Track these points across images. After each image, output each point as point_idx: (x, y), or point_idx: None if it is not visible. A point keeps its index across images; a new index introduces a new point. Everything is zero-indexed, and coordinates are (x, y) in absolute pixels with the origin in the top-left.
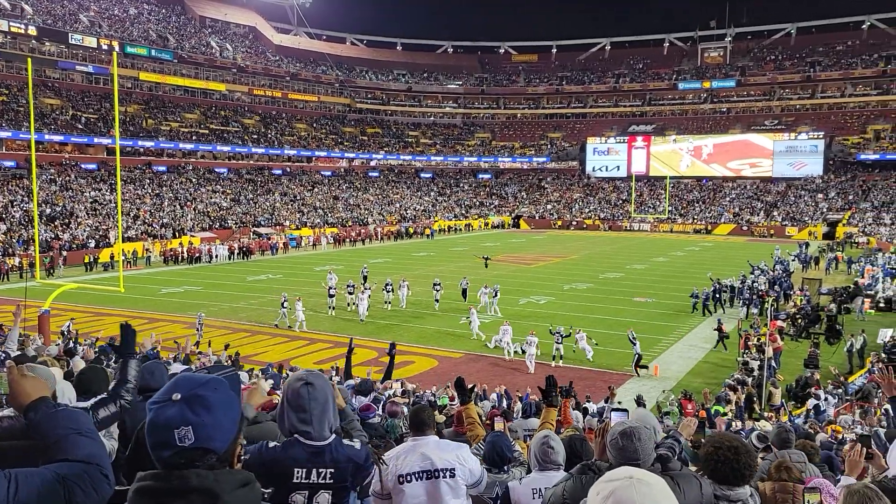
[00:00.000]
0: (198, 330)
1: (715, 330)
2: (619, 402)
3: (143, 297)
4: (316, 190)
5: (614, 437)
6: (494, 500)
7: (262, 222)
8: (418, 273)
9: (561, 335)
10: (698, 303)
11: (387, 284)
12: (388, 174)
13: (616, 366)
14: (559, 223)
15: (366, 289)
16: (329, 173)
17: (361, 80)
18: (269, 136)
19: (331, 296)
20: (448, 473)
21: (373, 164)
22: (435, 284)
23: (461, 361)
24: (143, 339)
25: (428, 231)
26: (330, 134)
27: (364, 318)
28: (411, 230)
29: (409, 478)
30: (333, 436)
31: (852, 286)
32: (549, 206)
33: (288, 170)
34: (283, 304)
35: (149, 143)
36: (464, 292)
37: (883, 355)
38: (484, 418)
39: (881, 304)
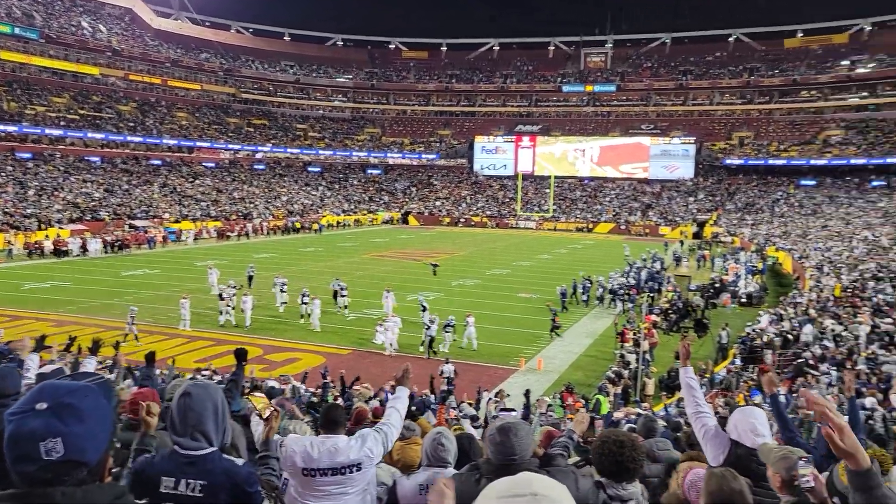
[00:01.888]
0: (129, 324)
1: (552, 320)
2: (508, 395)
3: (4, 293)
4: (198, 182)
5: (492, 433)
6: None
7: (139, 215)
8: (304, 269)
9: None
10: (568, 300)
11: (283, 285)
12: (274, 167)
13: (503, 360)
14: (448, 220)
15: (246, 294)
16: (212, 165)
17: (247, 70)
18: (147, 124)
19: (221, 298)
20: (355, 468)
21: (259, 156)
22: (342, 290)
23: (349, 358)
24: (23, 338)
25: (316, 226)
26: (213, 124)
27: (249, 325)
28: (298, 225)
29: (312, 472)
30: (213, 448)
31: (718, 283)
32: (437, 203)
33: (168, 160)
34: (220, 296)
35: (11, 128)
36: (335, 294)
37: (741, 347)
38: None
39: (743, 300)
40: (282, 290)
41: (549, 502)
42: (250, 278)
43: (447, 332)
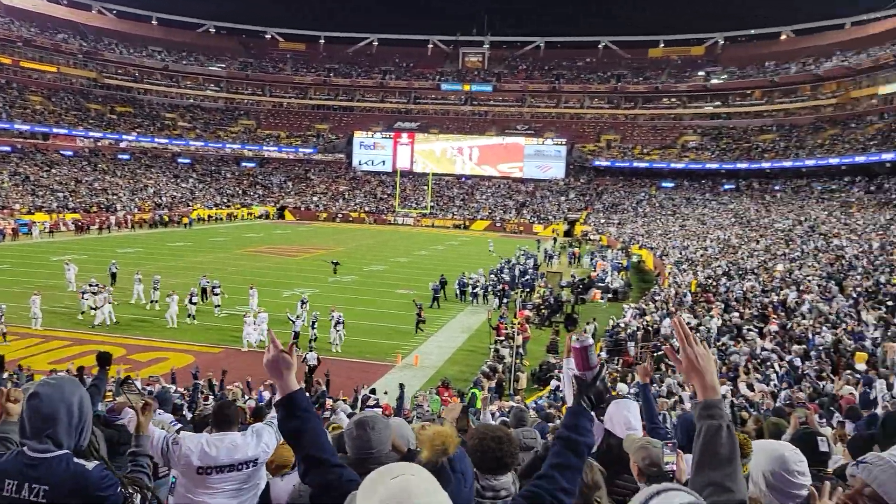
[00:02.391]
0: None
1: (417, 314)
2: (386, 392)
3: None
4: (54, 171)
5: (349, 428)
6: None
7: None
8: (172, 265)
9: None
10: (440, 295)
11: (156, 282)
12: (141, 157)
13: (380, 356)
14: (325, 216)
15: (105, 289)
16: (70, 153)
17: (110, 54)
18: None
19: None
20: (252, 464)
21: (123, 145)
22: (215, 288)
23: (220, 357)
24: None
25: (186, 220)
26: (72, 110)
27: (98, 324)
28: (167, 218)
29: (209, 470)
30: (63, 451)
31: (587, 279)
32: (315, 198)
33: (19, 146)
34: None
35: None
36: (203, 291)
37: (607, 340)
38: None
39: (610, 295)
40: (154, 288)
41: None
42: (113, 275)
43: (338, 329)
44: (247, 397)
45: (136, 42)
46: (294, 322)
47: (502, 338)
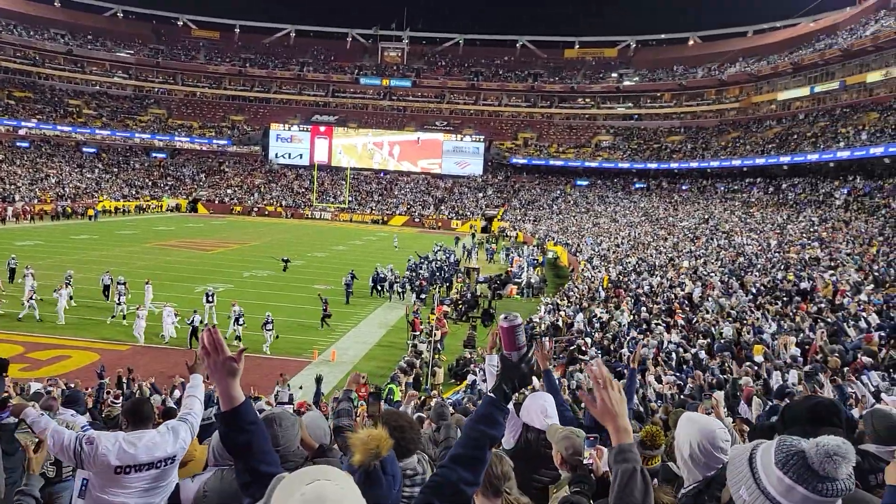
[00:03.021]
0: None
1: (323, 309)
2: (301, 388)
3: None
4: None
5: None
6: None
7: None
8: (77, 258)
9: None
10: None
11: (69, 277)
12: (42, 146)
13: (296, 352)
14: (240, 209)
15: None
16: None
17: (8, 36)
18: None
19: None
20: (170, 461)
21: (22, 132)
22: (120, 284)
23: (127, 354)
24: None
25: (91, 212)
26: None
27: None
28: (70, 210)
29: (127, 469)
30: None
31: (504, 275)
32: (229, 191)
33: None
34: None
35: None
36: (105, 288)
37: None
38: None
39: (525, 291)
40: (67, 284)
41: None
42: (12, 271)
43: (268, 329)
44: (159, 396)
45: (36, 24)
46: (193, 320)
47: (418, 333)
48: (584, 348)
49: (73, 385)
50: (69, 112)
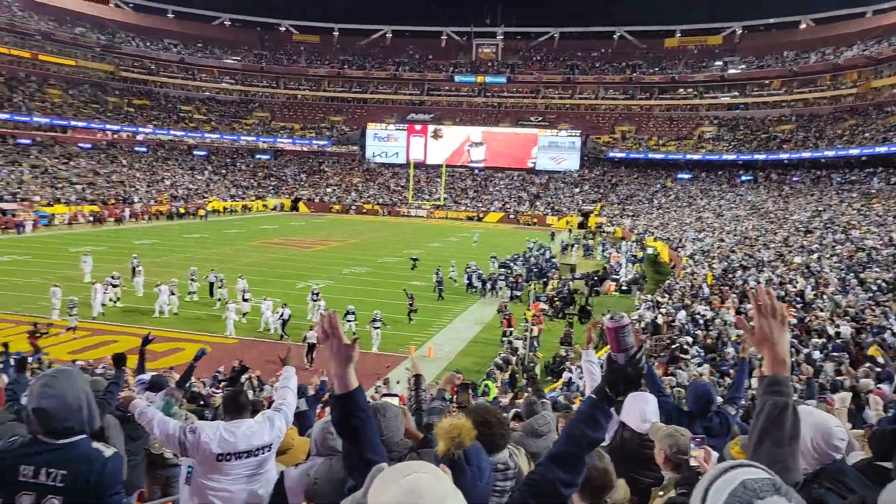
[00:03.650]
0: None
1: (409, 304)
2: (398, 382)
3: None
4: (72, 163)
5: None
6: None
7: (6, 197)
8: (189, 256)
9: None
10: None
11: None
12: (157, 150)
13: (393, 348)
14: (338, 207)
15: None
16: (88, 146)
17: (127, 47)
18: (15, 100)
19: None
20: (267, 449)
21: (140, 138)
22: (220, 281)
23: (236, 348)
24: None
25: (202, 212)
26: (90, 103)
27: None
28: (183, 210)
29: (228, 457)
30: (81, 436)
31: (601, 271)
32: (328, 190)
33: (38, 139)
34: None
35: None
36: (211, 286)
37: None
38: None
39: (623, 287)
40: (192, 279)
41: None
42: (134, 269)
43: (376, 326)
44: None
45: (152, 35)
46: (283, 314)
47: (512, 329)
48: (685, 347)
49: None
50: (182, 117)
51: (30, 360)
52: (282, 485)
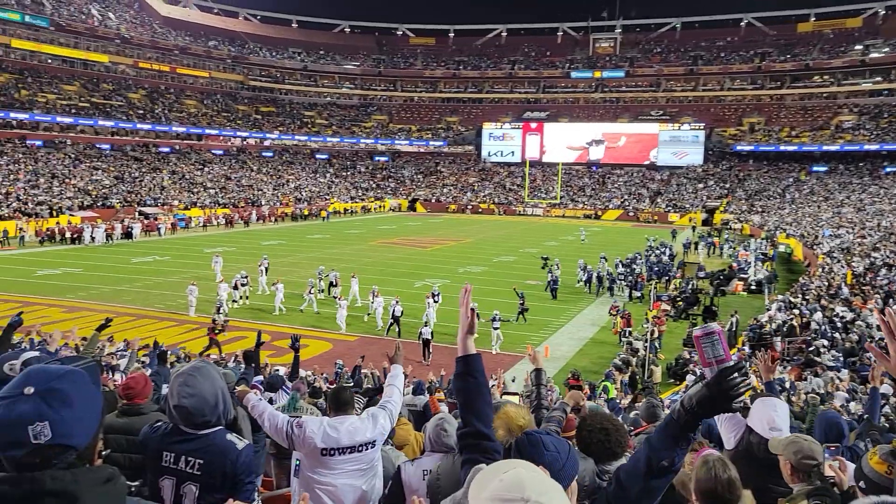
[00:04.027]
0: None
1: (520, 304)
2: (514, 379)
3: (16, 279)
4: (206, 169)
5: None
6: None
7: (149, 202)
8: (312, 256)
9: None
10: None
11: (329, 276)
12: (282, 154)
13: (509, 347)
14: (454, 207)
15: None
16: (220, 152)
17: (255, 58)
18: (157, 111)
19: (236, 288)
20: (370, 445)
21: (267, 143)
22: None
23: (356, 344)
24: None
25: (324, 213)
26: (222, 111)
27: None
28: (306, 212)
29: (331, 452)
30: (217, 428)
31: (727, 270)
32: (445, 190)
33: (177, 147)
34: (309, 290)
35: (22, 116)
36: (331, 284)
37: (750, 334)
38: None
39: (752, 287)
40: (320, 277)
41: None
42: (265, 269)
43: (495, 327)
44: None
45: (277, 45)
46: (393, 311)
47: (630, 329)
48: (821, 350)
49: (309, 373)
50: (305, 123)
51: (213, 356)
52: (399, 478)
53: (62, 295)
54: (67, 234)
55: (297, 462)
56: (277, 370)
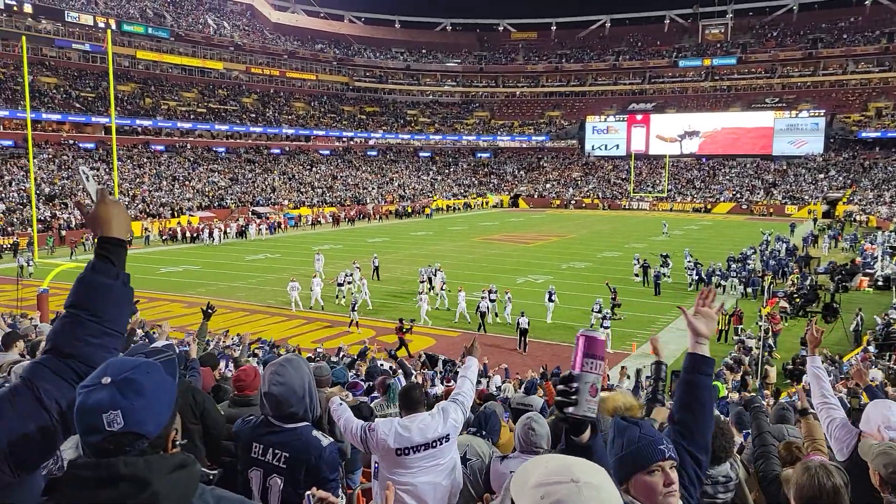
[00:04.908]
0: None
1: (612, 299)
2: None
3: (143, 276)
4: (314, 169)
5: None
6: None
7: (261, 201)
8: (415, 253)
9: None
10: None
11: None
12: (386, 153)
13: (614, 344)
14: (558, 202)
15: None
16: (327, 152)
17: (359, 59)
18: (268, 114)
19: (340, 285)
20: (444, 440)
21: (371, 143)
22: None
23: (458, 340)
24: (163, 323)
25: (427, 210)
26: (328, 113)
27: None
28: (410, 209)
29: (406, 451)
30: (304, 423)
31: (849, 264)
32: (547, 185)
33: (286, 149)
34: (339, 283)
35: (146, 122)
36: (429, 280)
37: (876, 334)
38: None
39: (879, 283)
40: (436, 271)
41: (590, 490)
42: (376, 269)
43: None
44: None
45: (381, 46)
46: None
47: (741, 327)
48: None
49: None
50: (408, 121)
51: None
52: (488, 474)
53: (183, 291)
54: (187, 234)
55: (376, 464)
56: (381, 363)
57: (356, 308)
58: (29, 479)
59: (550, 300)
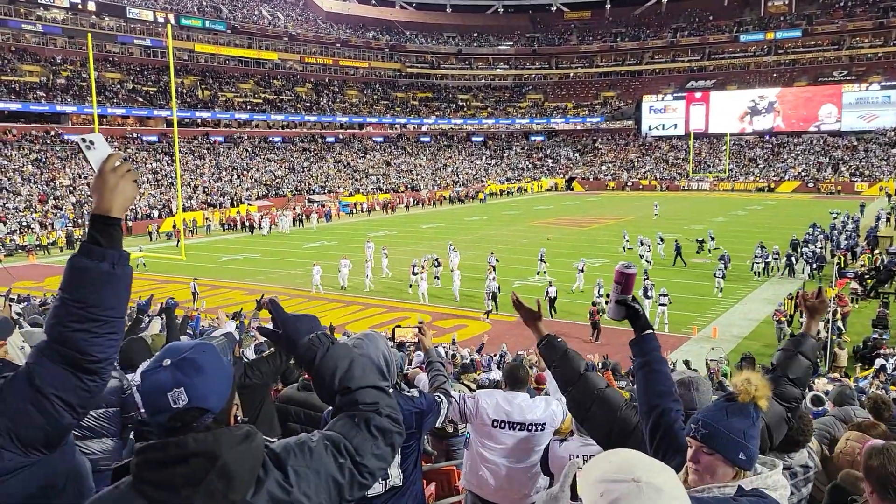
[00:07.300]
0: (194, 296)
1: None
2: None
3: (205, 264)
4: (368, 156)
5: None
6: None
7: (317, 190)
8: (471, 238)
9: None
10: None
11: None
12: (439, 139)
13: (674, 328)
14: (613, 185)
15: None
16: (381, 139)
17: (411, 45)
18: (322, 103)
19: (414, 273)
20: (539, 427)
21: (424, 129)
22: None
23: (514, 325)
24: (219, 313)
25: (481, 195)
26: (381, 100)
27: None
28: (463, 195)
29: (502, 425)
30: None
31: None
32: (603, 168)
33: (340, 137)
34: (413, 270)
35: (206, 114)
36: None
37: None
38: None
39: None
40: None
41: (652, 490)
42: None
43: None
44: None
45: (432, 31)
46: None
47: (800, 311)
48: None
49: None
50: (460, 106)
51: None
52: (547, 455)
53: (243, 278)
54: (246, 223)
55: (467, 435)
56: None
57: (495, 298)
58: (46, 459)
59: (647, 296)
